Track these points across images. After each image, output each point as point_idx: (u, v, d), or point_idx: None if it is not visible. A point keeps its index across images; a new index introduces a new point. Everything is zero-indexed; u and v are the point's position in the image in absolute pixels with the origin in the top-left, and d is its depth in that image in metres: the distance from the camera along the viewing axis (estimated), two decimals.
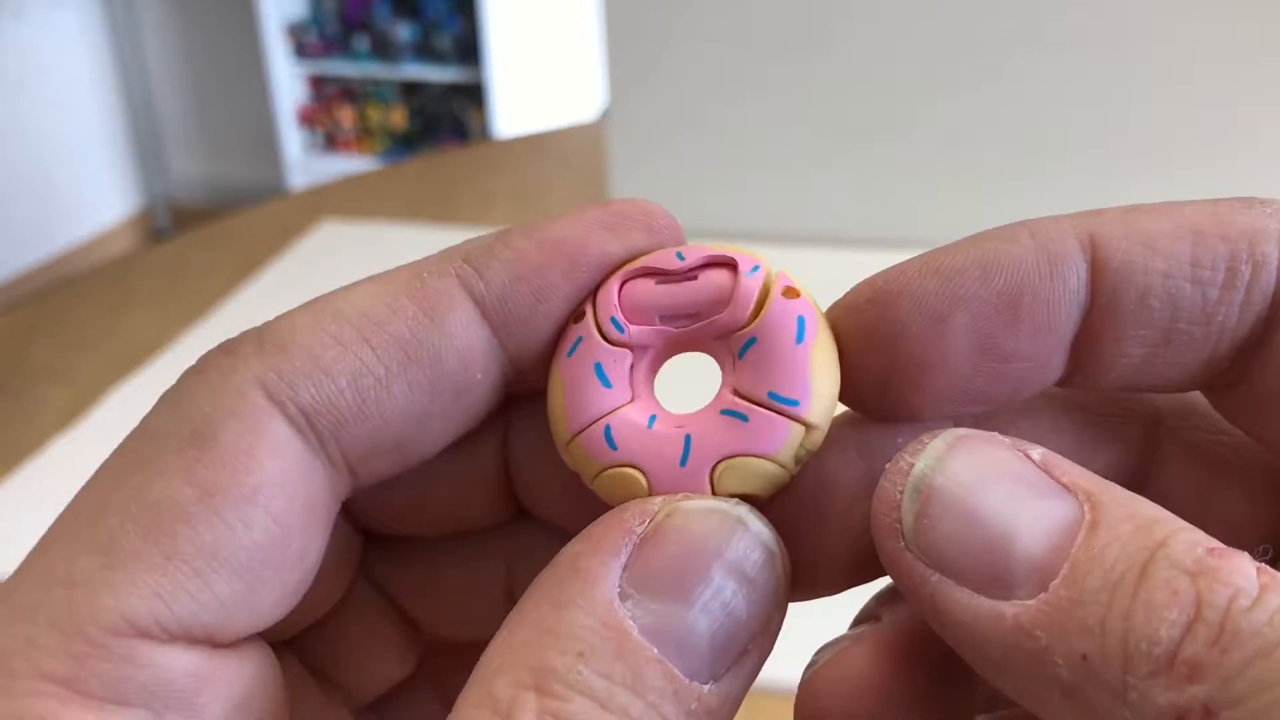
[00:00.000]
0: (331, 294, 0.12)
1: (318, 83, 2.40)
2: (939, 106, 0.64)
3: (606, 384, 0.13)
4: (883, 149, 0.65)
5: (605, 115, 0.68)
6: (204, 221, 0.77)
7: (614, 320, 0.13)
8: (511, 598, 0.15)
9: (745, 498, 0.13)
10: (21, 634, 0.10)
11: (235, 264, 0.67)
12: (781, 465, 0.13)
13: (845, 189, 0.67)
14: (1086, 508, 0.11)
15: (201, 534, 0.10)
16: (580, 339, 0.13)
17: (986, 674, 0.11)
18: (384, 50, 2.30)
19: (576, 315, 0.14)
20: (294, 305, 0.13)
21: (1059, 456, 0.12)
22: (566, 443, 0.14)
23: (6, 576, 0.38)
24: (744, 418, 0.13)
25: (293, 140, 2.39)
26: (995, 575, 0.11)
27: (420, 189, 0.80)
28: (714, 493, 0.13)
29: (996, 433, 0.12)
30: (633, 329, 0.13)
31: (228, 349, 0.12)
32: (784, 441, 0.13)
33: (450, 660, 0.17)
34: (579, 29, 2.30)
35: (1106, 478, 0.12)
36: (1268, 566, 0.10)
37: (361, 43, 2.30)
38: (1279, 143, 0.61)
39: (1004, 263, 0.12)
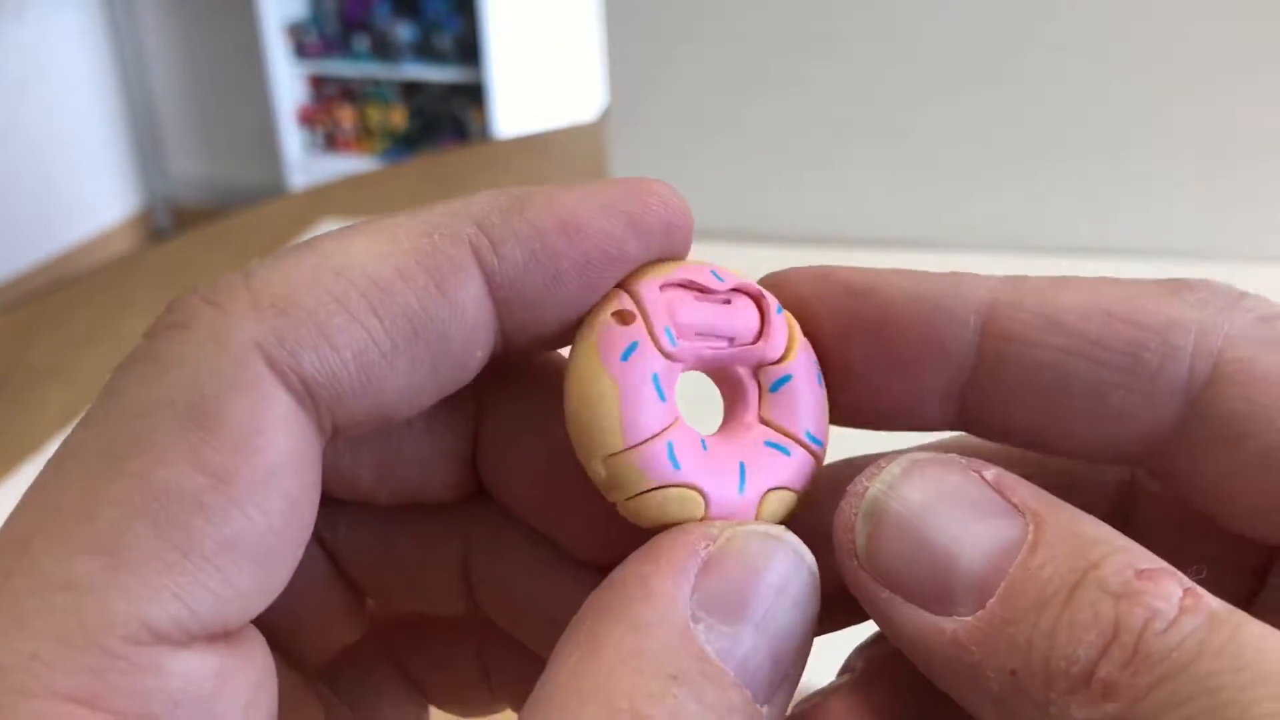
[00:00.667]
0: (329, 243, 0.11)
1: (318, 83, 2.40)
2: (941, 107, 0.64)
3: (662, 398, 0.13)
4: (884, 149, 0.65)
5: (605, 115, 0.68)
6: (204, 221, 0.77)
7: (669, 332, 0.13)
8: (466, 576, 0.15)
9: None
10: (23, 649, 0.09)
11: (235, 264, 0.67)
12: (802, 498, 0.14)
13: (846, 189, 0.67)
14: (1031, 528, 0.11)
15: (220, 527, 0.10)
16: (635, 345, 0.13)
17: (932, 678, 0.12)
18: (384, 50, 2.30)
19: (622, 315, 0.13)
20: (282, 264, 0.12)
21: (1013, 477, 0.12)
22: (613, 455, 0.13)
23: None
24: (786, 452, 0.14)
25: (293, 140, 2.39)
26: (939, 593, 0.11)
27: (420, 189, 0.80)
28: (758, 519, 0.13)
29: (954, 455, 0.12)
30: (681, 343, 0.13)
31: (210, 299, 0.11)
32: (810, 478, 0.14)
33: (401, 630, 0.16)
34: (579, 29, 2.30)
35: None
36: (1197, 587, 0.11)
37: (361, 43, 2.30)
38: None
39: (884, 293, 0.13)
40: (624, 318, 0.13)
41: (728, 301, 0.14)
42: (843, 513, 0.12)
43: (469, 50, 2.25)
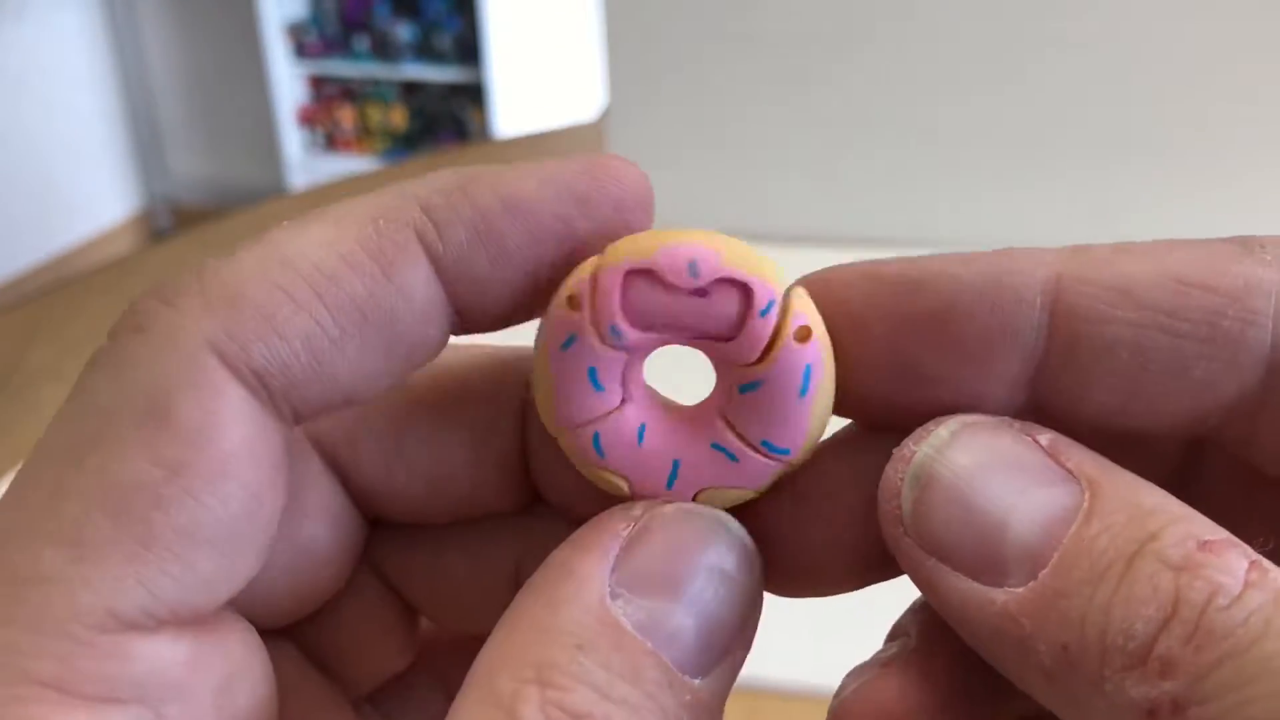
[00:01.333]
0: (278, 234, 0.11)
1: (318, 83, 2.40)
2: (943, 106, 0.64)
3: (599, 388, 0.13)
4: (885, 148, 0.65)
5: (605, 115, 0.68)
6: (204, 221, 0.77)
7: (614, 328, 0.13)
8: (518, 589, 0.15)
9: None
10: (8, 638, 0.09)
11: None
12: (757, 492, 0.14)
13: (847, 189, 0.67)
14: (1086, 495, 0.11)
15: (176, 516, 0.10)
16: (574, 337, 0.13)
17: (979, 651, 0.12)
18: (384, 50, 2.30)
19: (572, 300, 0.13)
20: (231, 260, 0.11)
21: (1069, 441, 0.11)
22: (556, 433, 0.14)
23: None
24: (734, 458, 0.13)
25: (293, 140, 2.39)
26: (988, 562, 0.11)
27: None
28: None
29: (1007, 418, 0.12)
30: (632, 335, 0.13)
31: (166, 299, 0.11)
32: (767, 479, 0.14)
33: (451, 653, 0.16)
34: (579, 29, 2.30)
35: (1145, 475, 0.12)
36: (1263, 560, 0.10)
37: (361, 43, 2.30)
38: None
39: (940, 284, 0.12)
40: (573, 303, 0.13)
41: (703, 293, 0.13)
42: (888, 478, 0.12)
43: (469, 50, 2.25)
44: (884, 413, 0.13)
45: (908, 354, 0.12)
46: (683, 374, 0.15)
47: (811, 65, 0.64)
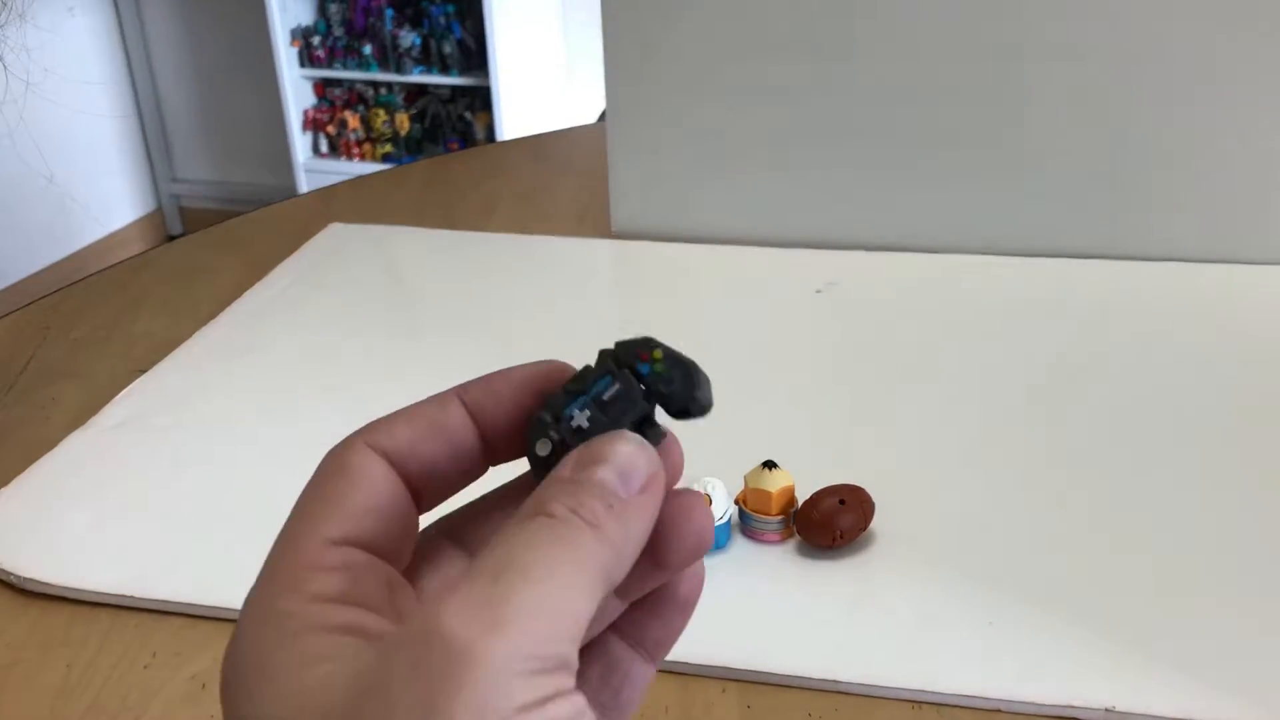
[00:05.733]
0: (401, 409, 0.22)
1: (325, 88, 2.42)
2: (940, 110, 0.64)
3: None
4: (882, 152, 0.66)
5: (605, 119, 0.69)
6: (214, 224, 0.78)
7: None
8: None
9: None
10: (287, 549, 0.20)
11: (245, 265, 0.68)
12: None
13: (845, 193, 0.67)
14: None
15: (354, 501, 0.20)
16: None
17: None
18: (390, 56, 2.32)
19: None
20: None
21: None
22: None
23: (15, 574, 0.39)
24: None
25: (300, 145, 2.40)
26: None
27: (425, 192, 0.81)
28: None
29: None
30: None
31: (354, 433, 0.21)
32: None
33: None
34: (581, 34, 2.31)
35: None
36: None
37: (368, 49, 2.32)
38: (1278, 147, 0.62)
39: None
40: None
41: None
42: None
43: (473, 56, 2.26)
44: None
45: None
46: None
47: (811, 69, 0.65)
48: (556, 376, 0.22)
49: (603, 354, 0.21)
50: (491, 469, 0.23)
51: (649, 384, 0.21)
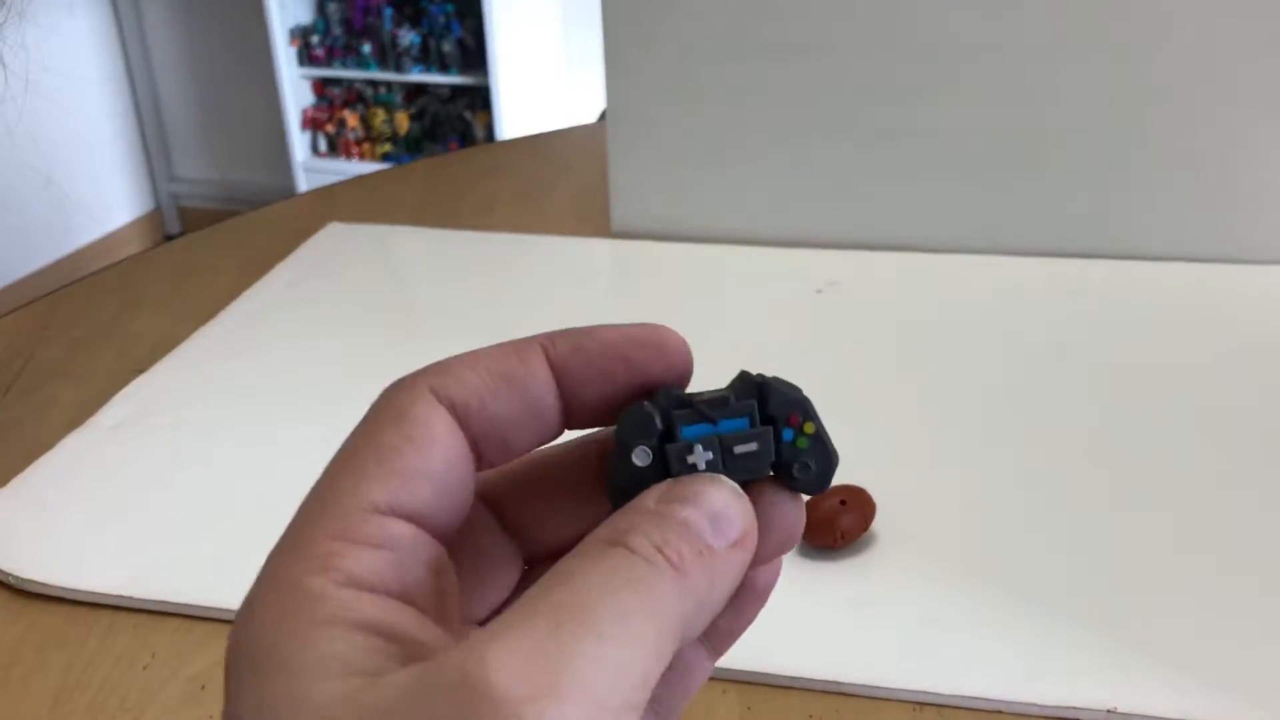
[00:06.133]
0: (473, 350, 0.19)
1: (323, 87, 2.41)
2: (941, 109, 0.64)
3: None
4: (881, 151, 0.66)
5: (605, 118, 0.69)
6: (212, 224, 0.78)
7: None
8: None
9: None
10: (320, 514, 0.17)
11: (243, 265, 0.68)
12: None
13: (844, 191, 0.67)
14: None
15: (408, 460, 0.18)
16: None
17: None
18: (388, 55, 2.31)
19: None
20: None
21: None
22: None
23: (13, 574, 0.38)
24: None
25: (299, 144, 2.40)
26: None
27: (424, 191, 0.81)
28: None
29: None
30: None
31: (412, 374, 0.19)
32: None
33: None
34: (580, 33, 2.30)
35: None
36: None
37: (366, 48, 2.32)
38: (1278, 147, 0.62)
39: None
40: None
41: None
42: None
43: (472, 55, 2.26)
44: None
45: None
46: None
47: (811, 69, 0.64)
48: (652, 346, 0.19)
49: (747, 383, 0.19)
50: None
51: (783, 455, 0.19)
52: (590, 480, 0.21)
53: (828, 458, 0.19)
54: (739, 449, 0.18)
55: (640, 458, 0.18)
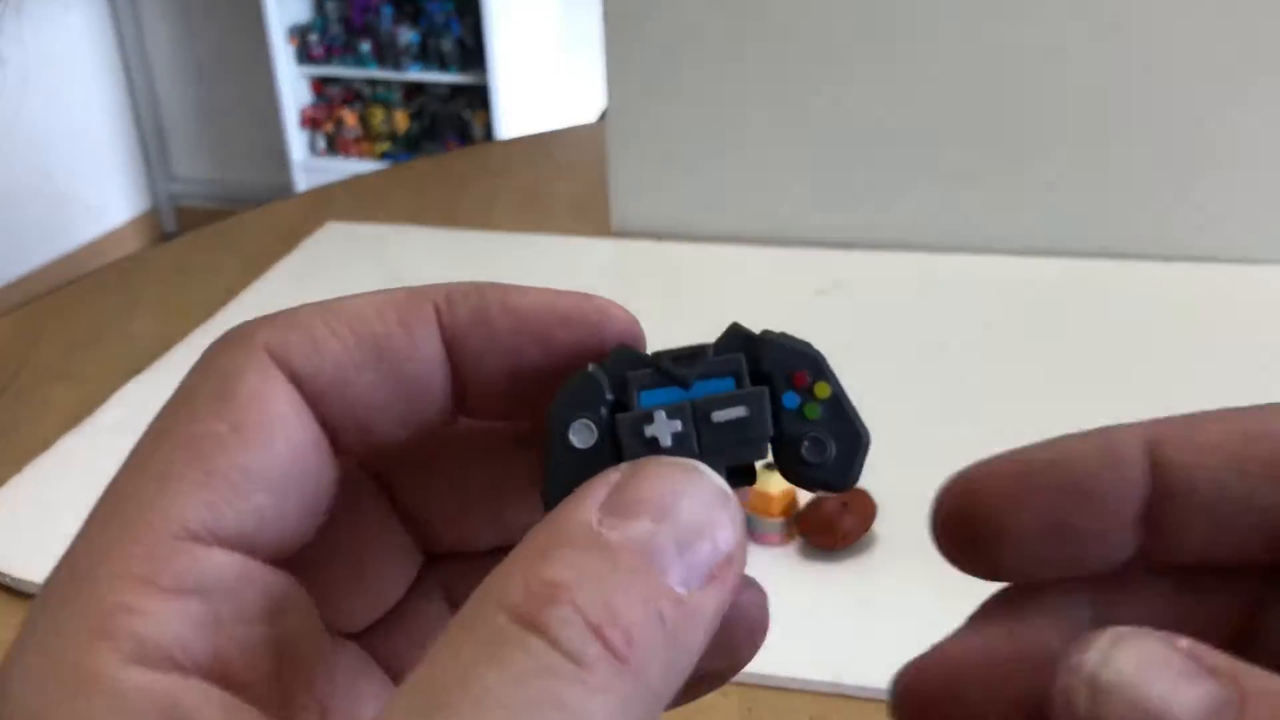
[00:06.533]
0: (338, 297, 0.15)
1: (321, 86, 2.41)
2: (942, 110, 0.64)
3: None
4: (882, 150, 0.66)
5: (605, 117, 0.68)
6: (209, 223, 0.77)
7: None
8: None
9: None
10: (109, 539, 0.13)
11: (241, 265, 0.68)
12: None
13: (844, 190, 0.67)
14: (1233, 689, 0.13)
15: (235, 457, 0.13)
16: None
17: None
18: (387, 54, 2.31)
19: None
20: (298, 305, 0.15)
21: (1203, 645, 0.13)
22: None
23: (9, 575, 0.38)
24: None
25: (297, 143, 2.39)
26: None
27: (423, 191, 0.81)
28: None
29: (1148, 627, 0.14)
30: None
31: (247, 324, 0.14)
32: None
33: (455, 575, 0.18)
34: (580, 32, 2.30)
35: (1208, 631, 0.15)
36: None
37: (365, 46, 2.31)
38: None
39: (1073, 458, 0.15)
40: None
41: None
42: (1062, 686, 0.13)
43: (471, 53, 2.25)
44: (1037, 567, 0.16)
45: (1055, 516, 0.15)
46: None
47: (811, 67, 0.64)
48: (584, 325, 0.15)
49: (736, 335, 0.14)
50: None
51: (787, 429, 0.14)
52: (515, 462, 0.16)
53: (854, 434, 0.14)
54: (719, 415, 0.13)
55: (580, 436, 0.13)
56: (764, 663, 0.36)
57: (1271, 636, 0.16)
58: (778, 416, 0.14)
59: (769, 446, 0.14)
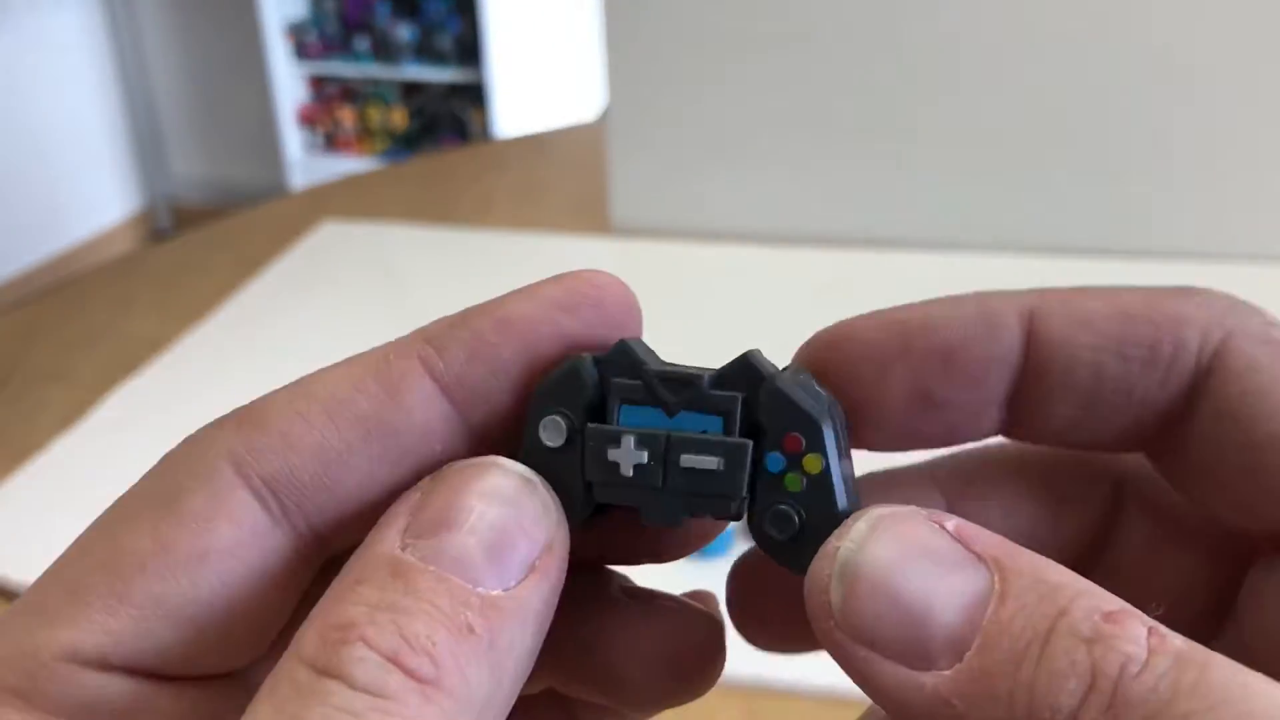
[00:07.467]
0: (311, 374, 0.14)
1: (318, 83, 2.40)
2: (940, 106, 0.64)
3: None
4: (883, 149, 0.65)
5: (605, 115, 0.68)
6: (205, 222, 0.77)
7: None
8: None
9: None
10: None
11: (236, 264, 0.67)
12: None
13: (845, 189, 0.67)
14: (996, 577, 0.12)
15: (152, 584, 0.12)
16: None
17: None
18: (384, 51, 2.30)
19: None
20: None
21: (973, 525, 0.12)
22: None
23: (5, 577, 0.37)
24: None
25: (293, 140, 2.39)
26: (916, 649, 0.12)
27: (420, 189, 0.81)
28: None
29: (914, 506, 0.13)
30: None
31: (214, 424, 0.13)
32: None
33: None
34: (579, 29, 2.30)
35: (1071, 540, 0.15)
36: (1159, 625, 0.11)
37: (362, 43, 2.31)
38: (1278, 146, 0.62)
39: (945, 322, 0.14)
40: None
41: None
42: (816, 574, 0.12)
43: (469, 51, 2.25)
44: (901, 440, 0.15)
45: (924, 384, 0.14)
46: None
47: (810, 67, 0.64)
48: (581, 306, 0.14)
49: (746, 368, 0.13)
50: None
51: (760, 494, 0.13)
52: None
53: (830, 520, 0.13)
54: (689, 460, 0.12)
55: (550, 434, 0.13)
56: (766, 667, 0.36)
57: (1125, 544, 0.15)
58: (754, 477, 0.13)
59: (740, 504, 0.13)
